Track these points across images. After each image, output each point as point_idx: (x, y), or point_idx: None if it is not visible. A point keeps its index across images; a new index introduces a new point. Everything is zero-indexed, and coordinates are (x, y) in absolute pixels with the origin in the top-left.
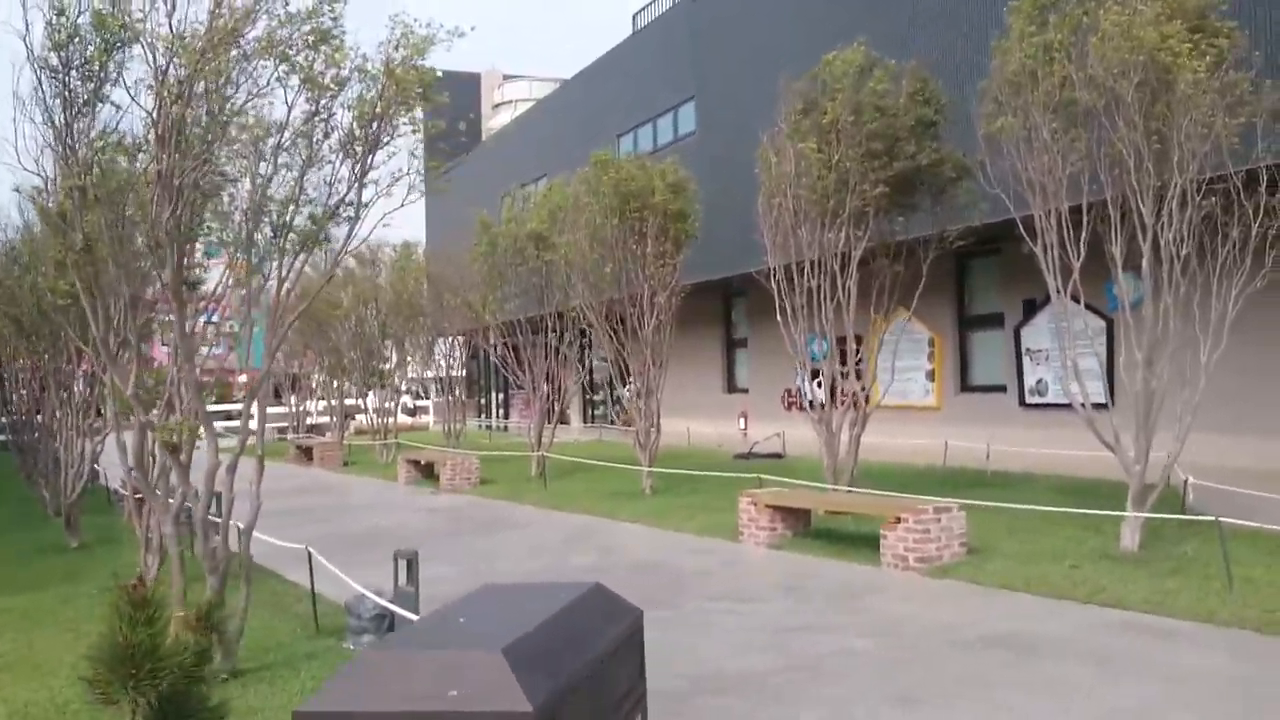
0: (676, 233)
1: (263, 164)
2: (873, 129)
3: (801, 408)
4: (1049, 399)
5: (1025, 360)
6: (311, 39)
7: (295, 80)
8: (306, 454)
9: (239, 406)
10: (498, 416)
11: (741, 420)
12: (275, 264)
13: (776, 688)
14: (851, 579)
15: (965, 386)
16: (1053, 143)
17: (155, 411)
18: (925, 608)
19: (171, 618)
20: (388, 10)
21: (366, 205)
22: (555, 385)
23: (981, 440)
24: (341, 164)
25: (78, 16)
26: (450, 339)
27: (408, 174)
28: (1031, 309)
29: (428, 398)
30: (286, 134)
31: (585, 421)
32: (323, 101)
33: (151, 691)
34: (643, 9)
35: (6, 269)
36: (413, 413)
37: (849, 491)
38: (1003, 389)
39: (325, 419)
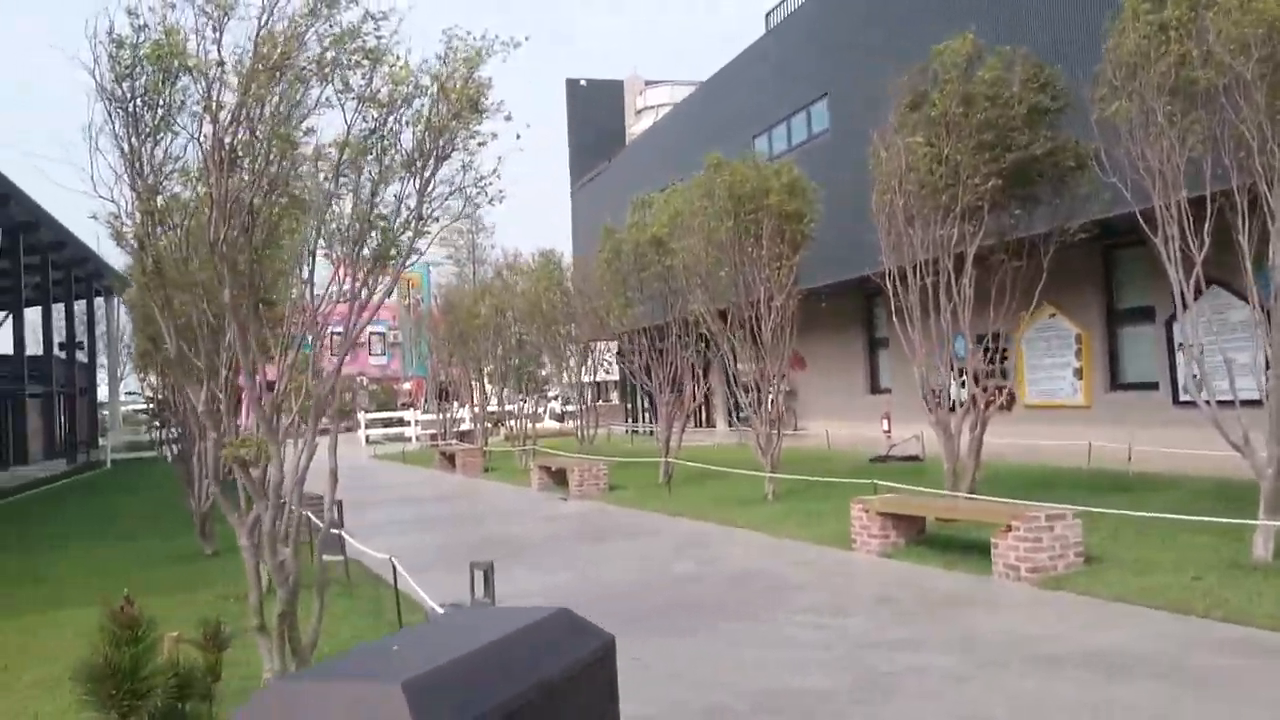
0: (792, 234)
1: (365, 181)
2: (983, 119)
3: (950, 409)
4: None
5: (1177, 356)
6: (362, 59)
7: (352, 100)
8: (450, 460)
9: (401, 414)
10: (644, 421)
11: (885, 421)
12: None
13: (834, 709)
14: (956, 590)
15: (1115, 384)
16: (1169, 126)
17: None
18: (1026, 621)
19: (165, 637)
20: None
21: (426, 220)
22: (682, 390)
23: (1133, 440)
24: (410, 180)
25: (137, 50)
26: (597, 345)
27: (463, 187)
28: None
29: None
30: (347, 153)
31: (730, 425)
32: (383, 119)
33: (138, 710)
34: (775, 8)
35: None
36: (561, 418)
37: (967, 497)
38: (1154, 386)
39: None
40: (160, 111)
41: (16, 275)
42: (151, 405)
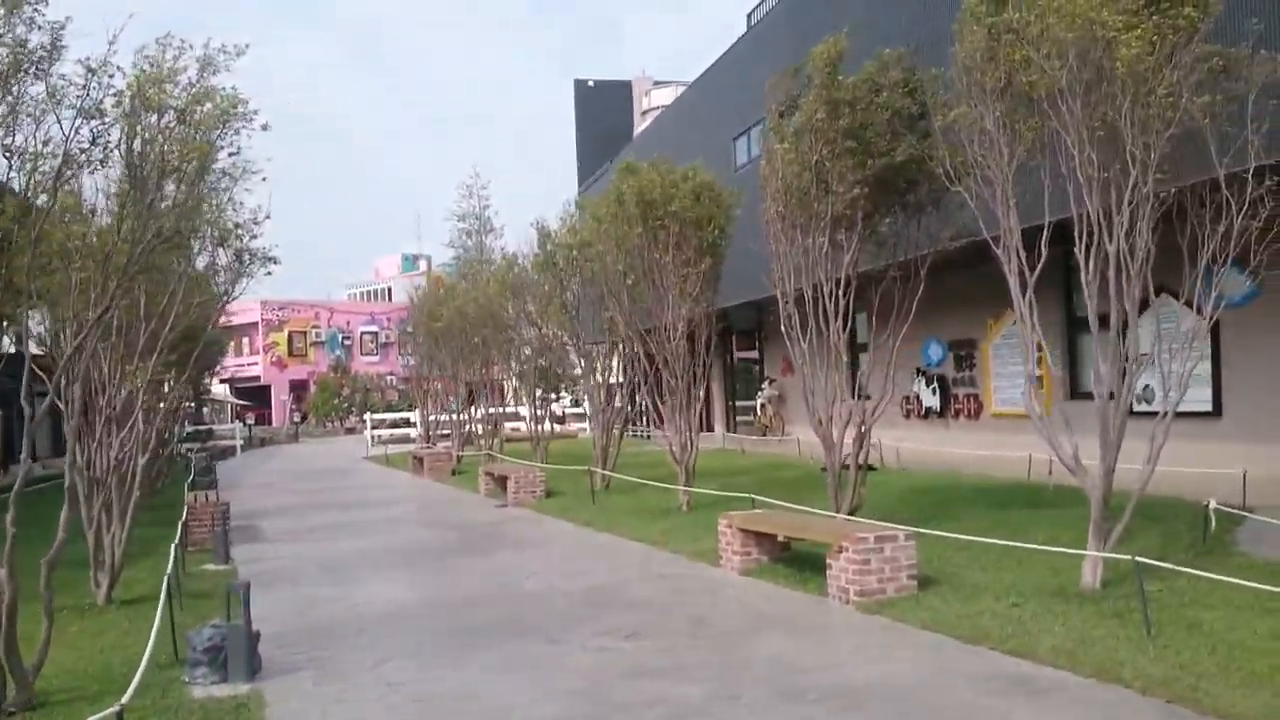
0: (699, 241)
1: None
2: (845, 125)
3: (921, 416)
4: (1157, 406)
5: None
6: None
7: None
8: (420, 463)
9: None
10: (644, 425)
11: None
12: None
13: None
14: (779, 613)
15: (1075, 393)
16: (999, 133)
17: None
18: (815, 648)
19: None
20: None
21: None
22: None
23: (1091, 452)
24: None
25: None
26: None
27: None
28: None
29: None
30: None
31: (730, 430)
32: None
33: None
34: (756, 7)
35: None
36: (561, 420)
37: (827, 516)
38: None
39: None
40: None
41: None
42: None
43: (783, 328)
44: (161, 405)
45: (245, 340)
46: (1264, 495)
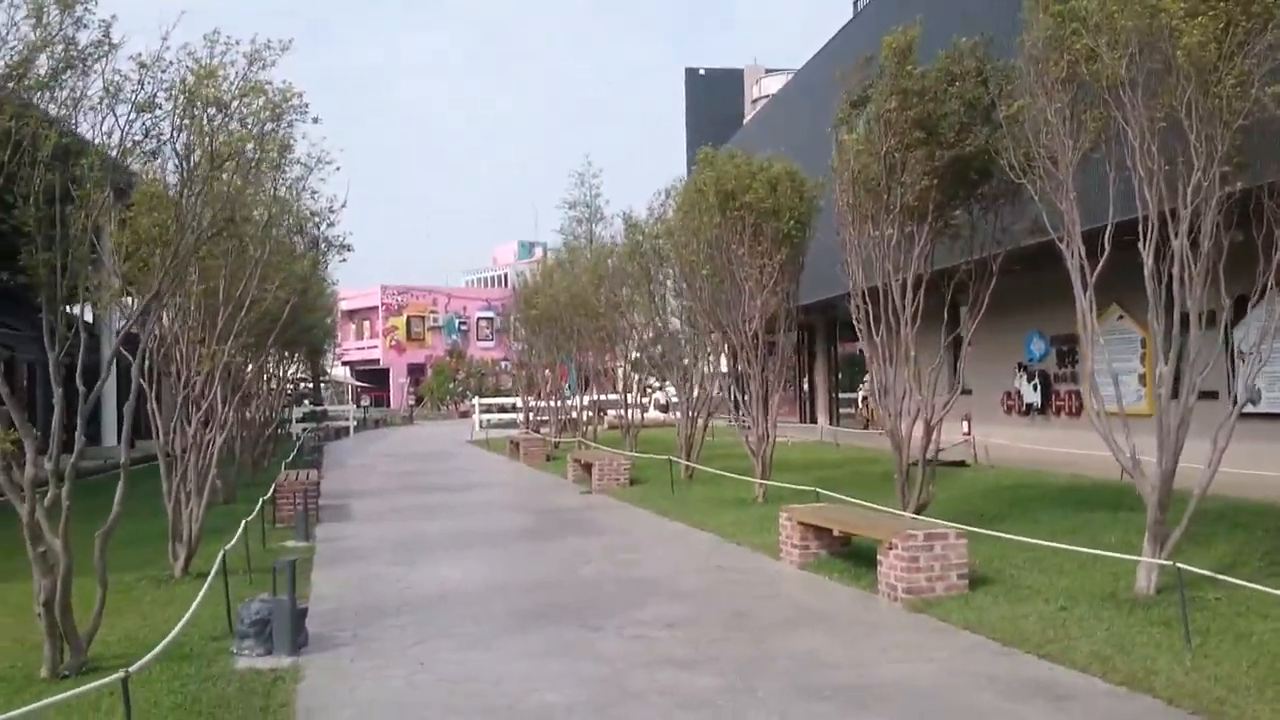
0: (774, 232)
1: None
2: (914, 116)
3: (1022, 412)
4: (1264, 409)
5: (1237, 364)
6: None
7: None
8: (516, 448)
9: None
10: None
11: (965, 424)
12: None
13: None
14: (824, 608)
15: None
16: (1061, 125)
17: None
18: (848, 645)
19: None
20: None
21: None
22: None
23: (1196, 453)
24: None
25: None
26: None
27: None
28: (1243, 306)
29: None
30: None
31: (833, 423)
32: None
33: None
34: None
35: None
36: (665, 408)
37: (892, 513)
38: (1214, 395)
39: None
40: None
41: None
42: None
43: (853, 321)
44: (264, 388)
45: (365, 324)
46: None
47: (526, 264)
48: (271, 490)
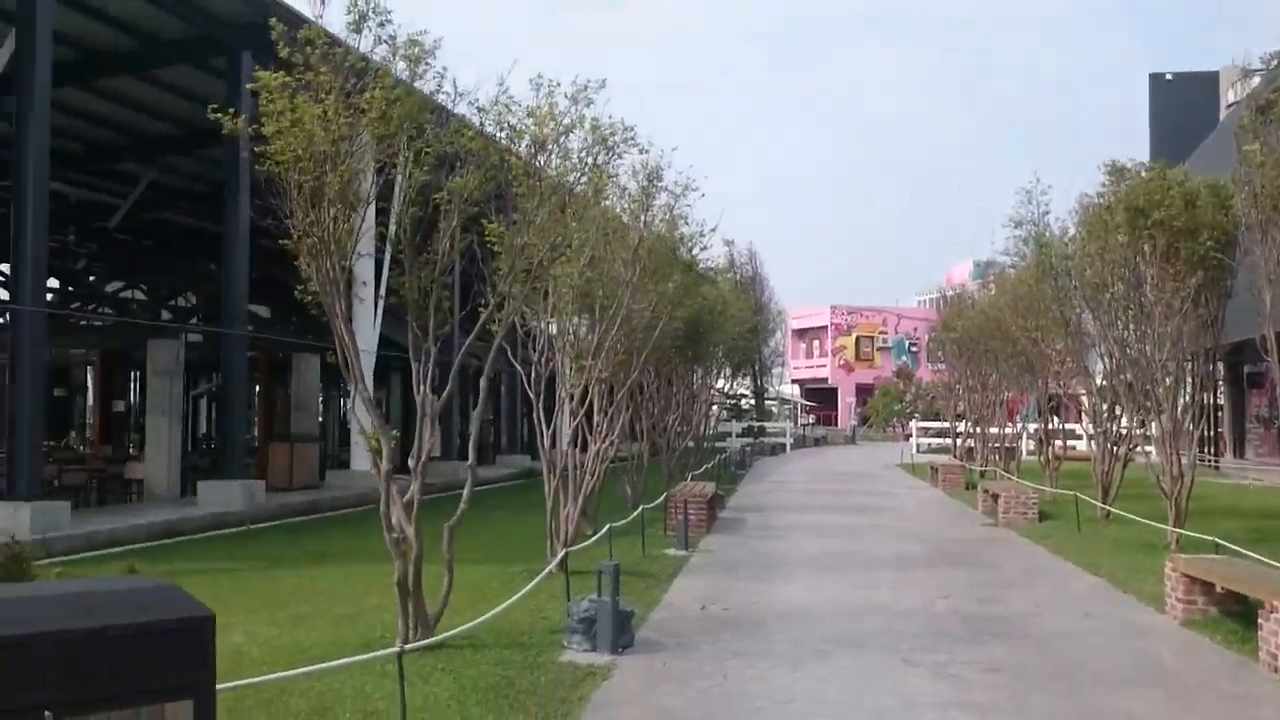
0: (1188, 253)
1: None
2: None
3: None
4: None
5: None
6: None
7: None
8: (935, 474)
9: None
10: (1218, 452)
11: None
12: None
13: None
14: (1177, 670)
15: None
16: None
17: None
18: (1177, 713)
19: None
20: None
21: None
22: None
23: None
24: None
25: None
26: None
27: None
28: None
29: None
30: None
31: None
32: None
33: None
34: None
35: None
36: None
37: None
38: None
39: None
40: None
41: None
42: None
43: (1263, 350)
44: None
45: (815, 343)
46: None
47: (978, 285)
48: (663, 499)
